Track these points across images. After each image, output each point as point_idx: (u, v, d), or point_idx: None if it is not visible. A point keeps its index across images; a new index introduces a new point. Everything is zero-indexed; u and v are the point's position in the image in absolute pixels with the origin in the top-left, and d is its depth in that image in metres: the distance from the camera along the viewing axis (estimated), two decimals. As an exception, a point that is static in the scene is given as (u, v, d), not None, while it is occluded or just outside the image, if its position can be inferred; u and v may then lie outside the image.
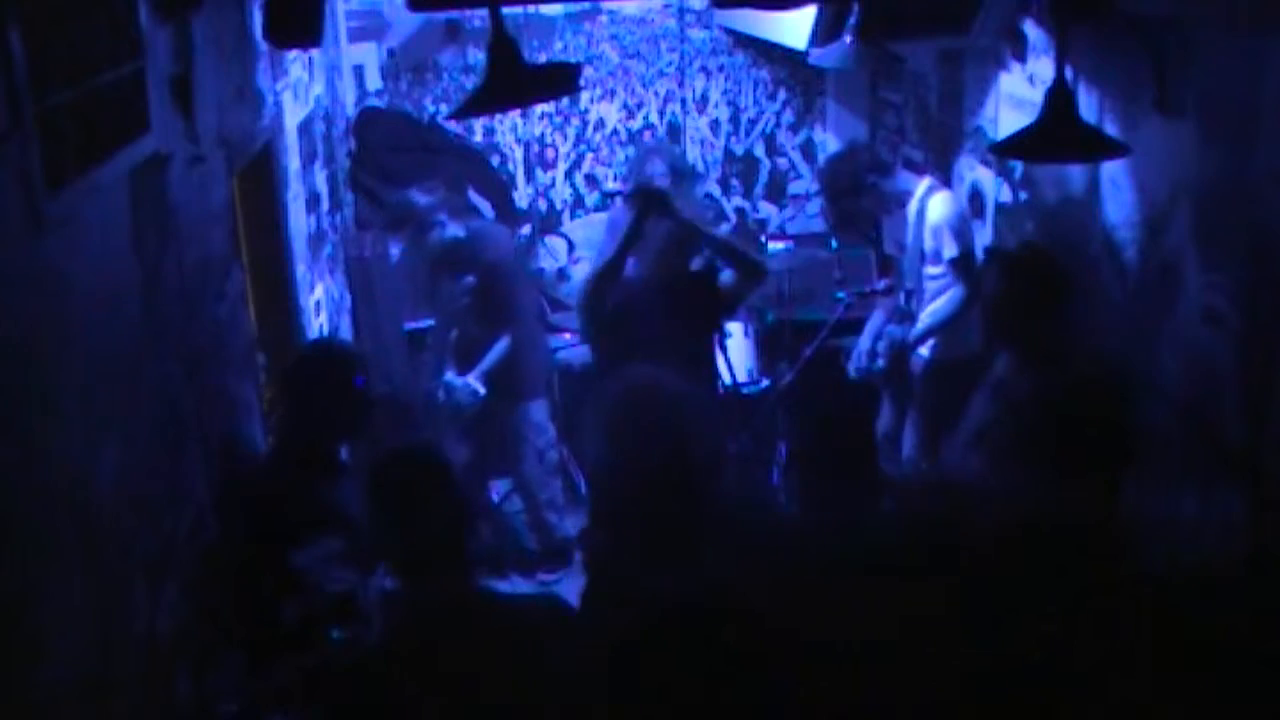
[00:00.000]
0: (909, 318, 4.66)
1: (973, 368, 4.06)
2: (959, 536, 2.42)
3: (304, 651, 2.64)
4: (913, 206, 4.58)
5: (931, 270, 4.51)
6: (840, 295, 4.88)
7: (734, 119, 6.33)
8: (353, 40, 5.83)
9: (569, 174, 6.29)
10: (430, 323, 5.40)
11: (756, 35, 5.87)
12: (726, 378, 4.96)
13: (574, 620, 2.47)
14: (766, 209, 6.47)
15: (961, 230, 4.45)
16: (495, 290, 4.77)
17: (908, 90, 5.62)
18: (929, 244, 4.50)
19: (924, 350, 4.58)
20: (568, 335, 5.55)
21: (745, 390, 5.17)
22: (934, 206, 4.51)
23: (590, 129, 6.26)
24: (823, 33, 4.78)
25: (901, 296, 4.72)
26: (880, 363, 4.63)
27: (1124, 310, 3.62)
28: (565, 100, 6.05)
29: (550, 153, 6.23)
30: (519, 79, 2.88)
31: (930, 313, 4.51)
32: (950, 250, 4.39)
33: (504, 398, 4.89)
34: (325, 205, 4.80)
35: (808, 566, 2.44)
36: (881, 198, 4.64)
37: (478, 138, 6.09)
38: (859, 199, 4.69)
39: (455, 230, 4.76)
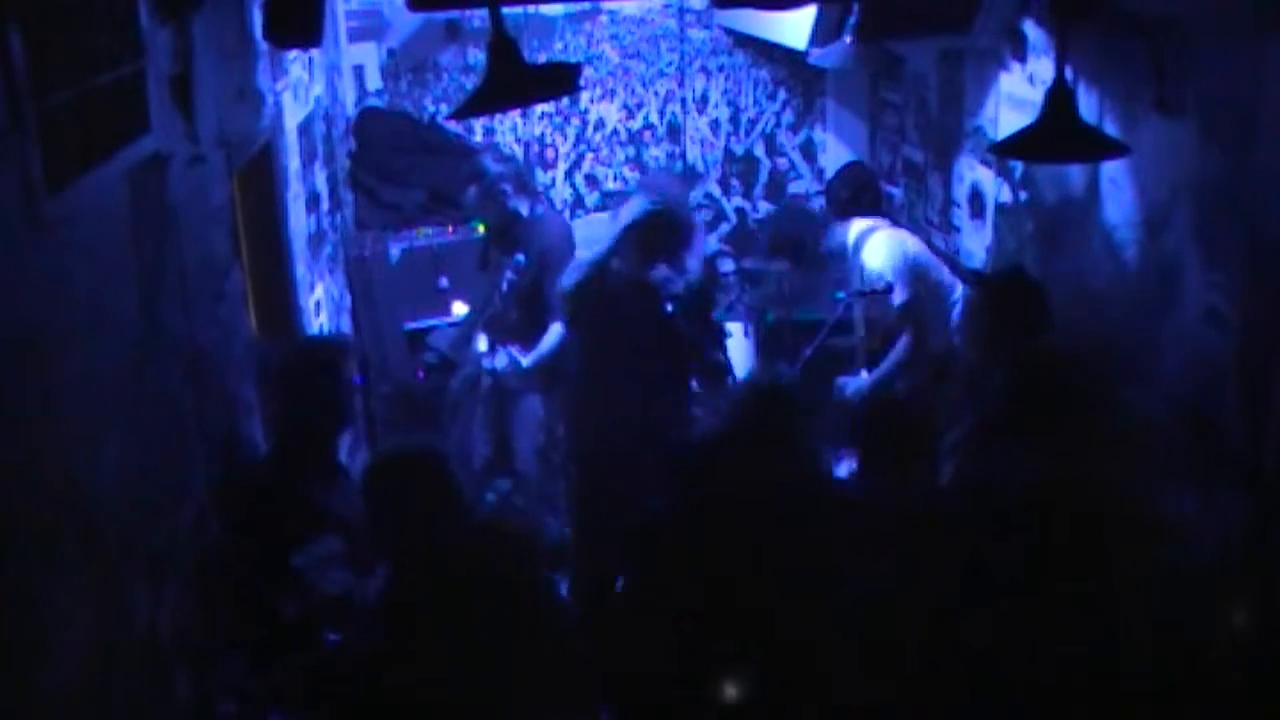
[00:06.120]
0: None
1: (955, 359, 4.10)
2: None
3: (303, 651, 2.65)
4: (849, 255, 4.58)
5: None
6: (840, 295, 4.88)
7: (734, 119, 6.33)
8: (353, 40, 5.82)
9: (569, 174, 6.29)
10: (430, 323, 5.40)
11: (756, 35, 5.87)
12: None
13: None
14: (766, 209, 6.47)
15: (904, 275, 4.41)
16: (544, 278, 4.66)
17: (908, 90, 5.62)
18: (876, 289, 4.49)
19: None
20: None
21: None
22: (869, 254, 4.48)
23: (590, 129, 6.26)
24: (823, 33, 4.78)
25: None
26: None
27: (1124, 310, 3.62)
28: (565, 100, 6.05)
29: (550, 153, 6.23)
30: (519, 79, 2.88)
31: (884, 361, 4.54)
32: (897, 296, 4.38)
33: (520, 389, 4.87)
34: (325, 205, 4.80)
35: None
36: (821, 254, 4.67)
37: (478, 138, 6.09)
38: (801, 258, 4.73)
39: (518, 204, 4.75)
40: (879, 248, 4.46)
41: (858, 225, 4.62)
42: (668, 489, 2.92)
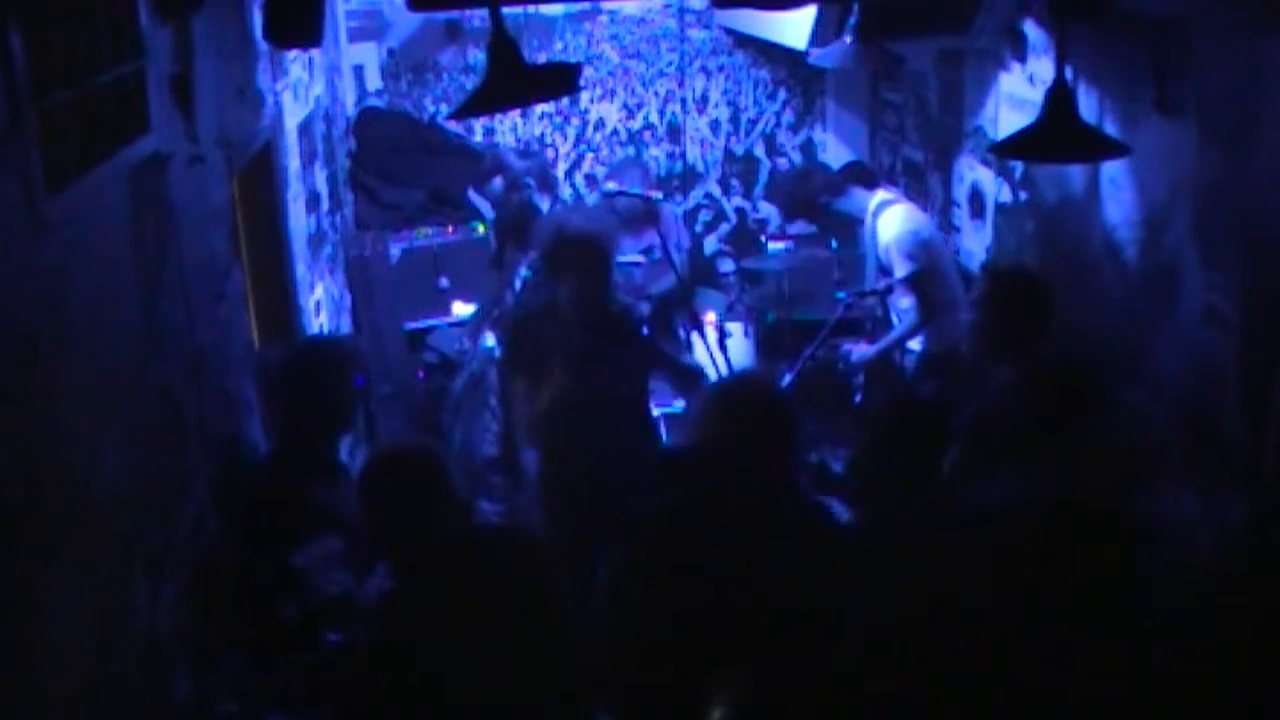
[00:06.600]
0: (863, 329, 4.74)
1: (956, 359, 4.11)
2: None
3: (304, 651, 2.65)
4: (866, 223, 4.63)
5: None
6: (840, 295, 4.89)
7: (734, 119, 6.34)
8: (353, 40, 5.83)
9: (569, 174, 6.29)
10: (430, 323, 5.40)
11: (756, 35, 5.87)
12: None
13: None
14: (766, 209, 6.47)
15: (913, 249, 4.45)
16: None
17: (908, 90, 5.62)
18: (882, 259, 4.54)
19: (914, 344, 4.64)
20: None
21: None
22: (883, 226, 4.54)
23: (590, 129, 6.26)
24: (823, 33, 4.79)
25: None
26: (859, 380, 4.68)
27: (1124, 310, 3.62)
28: (565, 100, 6.05)
29: (550, 153, 6.23)
30: (519, 79, 2.88)
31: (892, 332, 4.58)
32: (900, 270, 4.42)
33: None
34: (325, 205, 4.80)
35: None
36: (834, 217, 4.70)
37: (478, 138, 6.09)
38: (812, 220, 4.75)
39: (540, 200, 4.73)
40: (895, 219, 4.52)
41: (881, 194, 4.67)
42: (654, 489, 2.91)
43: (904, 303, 4.55)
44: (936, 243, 4.66)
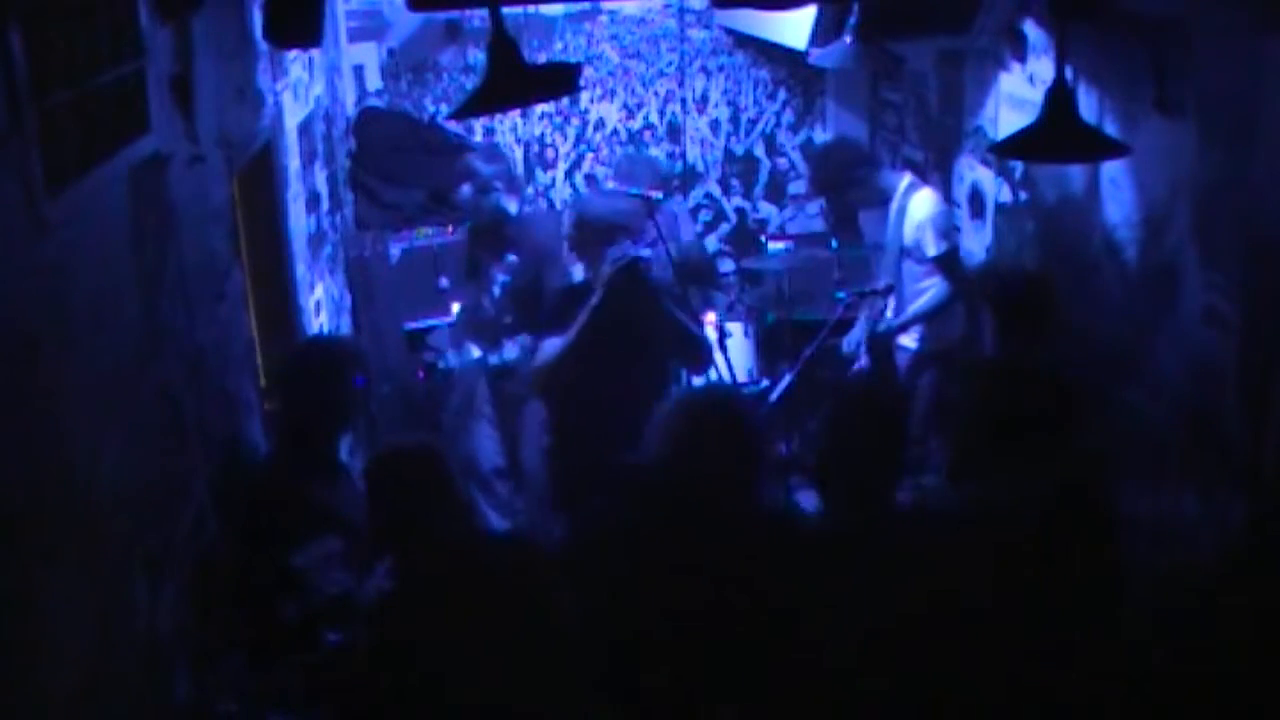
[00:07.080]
0: (882, 315, 4.73)
1: (955, 357, 4.10)
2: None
3: (304, 651, 2.65)
4: (894, 203, 4.62)
5: (914, 267, 4.56)
6: (840, 295, 4.89)
7: (734, 119, 6.34)
8: (353, 40, 5.83)
9: (569, 174, 6.29)
10: (430, 323, 5.40)
11: (756, 35, 5.87)
12: (726, 378, 4.95)
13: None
14: (766, 209, 6.48)
15: (945, 228, 4.48)
16: (541, 278, 4.66)
17: (908, 90, 5.62)
18: (909, 240, 4.53)
19: (910, 342, 4.63)
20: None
21: (745, 390, 5.17)
22: (916, 204, 4.54)
23: (590, 129, 6.26)
24: (823, 33, 4.79)
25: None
26: (864, 360, 4.68)
27: (1124, 310, 3.62)
28: (565, 100, 6.05)
29: (550, 153, 6.23)
30: (519, 79, 2.88)
31: (914, 306, 4.57)
32: (933, 248, 4.44)
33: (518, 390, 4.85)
34: (325, 205, 4.80)
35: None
36: (868, 191, 4.69)
37: (478, 138, 6.09)
38: (846, 191, 4.74)
39: (509, 204, 4.72)
40: (928, 198, 4.55)
41: (908, 178, 4.70)
42: (615, 501, 2.91)
43: (925, 283, 4.54)
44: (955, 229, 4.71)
